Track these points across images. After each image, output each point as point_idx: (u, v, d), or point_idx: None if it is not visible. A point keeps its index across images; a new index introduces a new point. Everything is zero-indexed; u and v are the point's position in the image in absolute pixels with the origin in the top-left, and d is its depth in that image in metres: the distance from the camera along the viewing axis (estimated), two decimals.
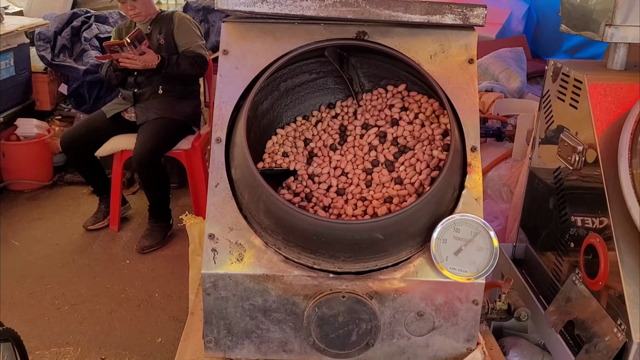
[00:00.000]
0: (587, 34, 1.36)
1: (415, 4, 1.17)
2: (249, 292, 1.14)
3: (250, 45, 1.23)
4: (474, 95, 1.22)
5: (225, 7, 1.17)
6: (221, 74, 1.22)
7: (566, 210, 1.39)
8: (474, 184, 1.17)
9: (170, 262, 3.04)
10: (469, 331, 1.18)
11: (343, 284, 1.13)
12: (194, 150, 3.27)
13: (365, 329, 1.14)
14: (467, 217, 1.12)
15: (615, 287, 1.17)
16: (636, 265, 1.15)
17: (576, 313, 1.28)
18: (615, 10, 1.24)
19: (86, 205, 3.68)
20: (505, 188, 2.07)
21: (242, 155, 1.11)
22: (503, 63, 2.89)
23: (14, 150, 3.73)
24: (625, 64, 1.38)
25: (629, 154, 1.16)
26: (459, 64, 1.23)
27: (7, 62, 3.67)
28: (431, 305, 1.15)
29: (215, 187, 1.16)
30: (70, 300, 2.70)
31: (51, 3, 4.50)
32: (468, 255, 1.12)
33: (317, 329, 1.14)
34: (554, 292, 1.42)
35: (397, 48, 1.22)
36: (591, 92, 1.30)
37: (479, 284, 1.14)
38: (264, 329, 1.17)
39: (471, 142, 1.19)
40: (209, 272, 1.13)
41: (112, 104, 3.33)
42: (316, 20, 1.22)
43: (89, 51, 4.06)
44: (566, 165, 1.36)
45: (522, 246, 1.71)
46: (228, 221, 1.15)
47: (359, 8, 1.16)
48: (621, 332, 1.13)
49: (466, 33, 1.24)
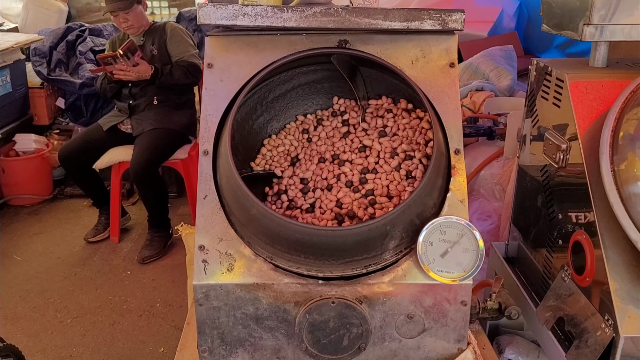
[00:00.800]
0: (567, 33, 1.37)
1: (394, 12, 1.19)
2: (241, 301, 1.16)
3: (234, 58, 1.25)
4: (456, 99, 1.24)
5: (208, 22, 1.19)
6: (206, 87, 1.25)
7: (554, 208, 1.40)
8: (459, 187, 1.19)
9: (170, 272, 3.06)
10: (459, 331, 1.19)
11: (332, 290, 1.15)
12: (190, 159, 3.30)
13: (357, 333, 1.15)
14: (452, 220, 1.14)
15: (602, 282, 1.18)
16: (621, 261, 1.16)
17: (566, 309, 1.30)
18: (592, 9, 1.25)
19: (86, 217, 3.70)
20: (498, 187, 2.08)
21: (228, 166, 1.13)
22: (493, 62, 2.90)
23: (13, 165, 3.76)
24: (607, 62, 1.40)
25: (610, 151, 1.18)
26: (440, 68, 1.25)
27: (4, 79, 3.70)
28: (420, 307, 1.17)
29: (204, 198, 1.18)
30: (72, 313, 2.72)
31: (46, 18, 4.53)
32: (454, 257, 1.14)
33: (309, 335, 1.15)
34: (545, 289, 1.43)
35: (379, 55, 1.24)
36: (572, 90, 1.31)
37: (467, 285, 1.16)
38: (256, 337, 1.19)
39: (455, 145, 1.21)
40: (200, 282, 1.15)
41: (108, 116, 3.35)
42: (298, 31, 1.24)
43: (84, 64, 4.09)
44: (551, 163, 1.38)
45: (514, 244, 1.73)
46: (217, 232, 1.17)
47: (339, 17, 1.18)
48: (609, 327, 1.14)
49: (446, 37, 1.26)
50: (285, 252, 1.14)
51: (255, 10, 1.18)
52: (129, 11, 3.13)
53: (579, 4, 1.30)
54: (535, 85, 1.53)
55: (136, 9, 3.17)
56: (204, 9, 1.19)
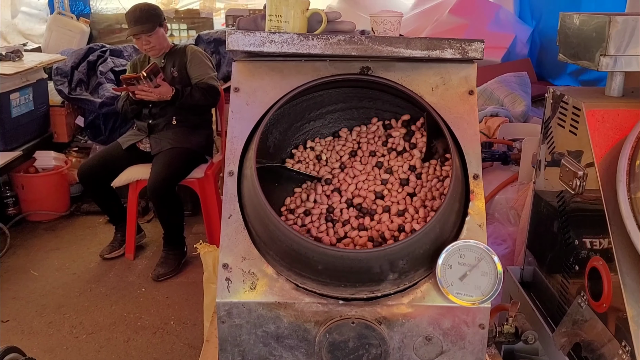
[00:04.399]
0: (583, 63, 1.41)
1: (415, 41, 1.22)
2: (262, 319, 1.19)
3: (260, 82, 1.29)
4: (475, 125, 1.27)
5: (236, 48, 1.24)
6: (232, 110, 1.29)
7: (570, 234, 1.42)
8: (477, 211, 1.21)
9: (185, 289, 3.09)
10: (477, 355, 1.21)
11: (352, 310, 1.17)
12: (207, 179, 3.35)
13: (375, 354, 1.17)
14: (471, 243, 1.16)
15: (619, 309, 1.20)
16: (638, 287, 1.18)
17: (583, 335, 1.31)
18: (609, 40, 1.29)
19: (102, 234, 3.75)
20: (513, 211, 2.10)
21: (253, 187, 1.16)
22: (507, 88, 2.94)
23: (32, 182, 3.83)
24: (623, 91, 1.43)
25: (627, 179, 1.20)
26: (459, 95, 1.28)
27: (27, 97, 3.79)
28: (439, 329, 1.19)
29: (228, 218, 1.21)
30: (87, 329, 2.75)
31: (68, 39, 4.64)
32: (473, 280, 1.16)
33: (328, 355, 1.17)
34: (561, 315, 1.45)
35: (400, 81, 1.28)
36: (589, 118, 1.34)
37: (485, 308, 1.17)
38: (277, 356, 1.21)
39: (473, 170, 1.24)
40: (224, 300, 1.18)
41: (128, 135, 3.42)
42: (322, 58, 1.28)
43: (104, 84, 4.18)
44: (568, 189, 1.40)
45: (529, 269, 1.74)
46: (241, 251, 1.19)
47: (362, 45, 1.22)
48: (626, 354, 1.16)
49: (466, 66, 1.29)
50: (307, 272, 1.16)
51: (281, 38, 1.22)
52: (152, 34, 3.21)
53: (595, 35, 1.34)
54: (552, 112, 1.56)
55: (158, 31, 3.25)
56: (233, 35, 1.23)
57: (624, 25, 1.28)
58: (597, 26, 1.33)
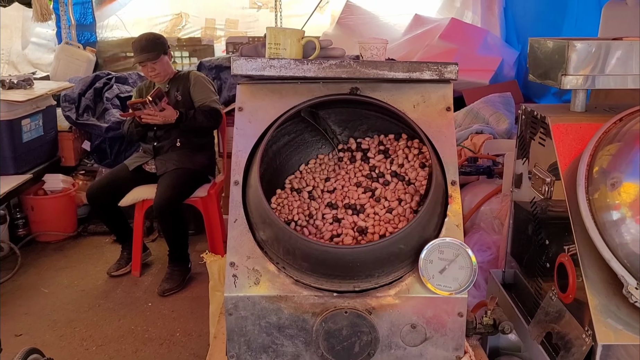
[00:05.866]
0: (549, 82, 1.58)
1: (398, 64, 1.40)
2: (265, 311, 1.33)
3: (261, 103, 1.46)
4: (452, 137, 1.44)
5: (240, 72, 1.41)
6: (237, 127, 1.45)
7: (542, 235, 1.58)
8: (455, 213, 1.37)
9: (189, 304, 3.22)
10: (457, 341, 1.35)
11: (345, 302, 1.32)
12: (210, 198, 3.50)
13: (366, 340, 1.32)
14: (449, 241, 1.31)
15: (582, 299, 1.34)
16: (598, 279, 1.33)
17: (553, 325, 1.45)
18: (568, 62, 1.46)
19: (109, 253, 3.89)
20: (497, 220, 2.26)
21: (256, 194, 1.32)
22: (492, 107, 3.12)
23: (41, 204, 3.98)
24: (586, 107, 1.59)
25: (586, 183, 1.36)
26: (438, 112, 1.45)
27: (37, 123, 3.97)
28: (422, 318, 1.33)
29: (234, 222, 1.37)
30: (97, 341, 2.87)
31: (75, 67, 4.85)
32: (451, 273, 1.31)
33: (324, 342, 1.31)
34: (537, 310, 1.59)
35: (385, 100, 1.45)
36: (554, 131, 1.50)
37: (462, 298, 1.32)
38: (278, 344, 1.35)
39: (451, 177, 1.40)
40: (231, 294, 1.33)
41: (134, 157, 3.59)
42: (316, 80, 1.45)
43: (110, 110, 4.36)
44: (538, 195, 1.56)
45: (510, 272, 1.89)
46: (246, 251, 1.35)
47: (351, 68, 1.39)
48: (588, 337, 1.30)
49: (443, 86, 1.46)
50: (305, 268, 1.32)
51: (280, 63, 1.40)
52: (157, 61, 3.40)
53: (557, 57, 1.51)
54: (524, 127, 1.73)
55: (163, 59, 3.45)
56: (237, 61, 1.41)
57: (581, 49, 1.45)
58: (559, 50, 1.50)
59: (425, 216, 1.30)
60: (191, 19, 5.44)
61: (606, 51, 1.46)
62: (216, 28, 5.48)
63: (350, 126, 1.57)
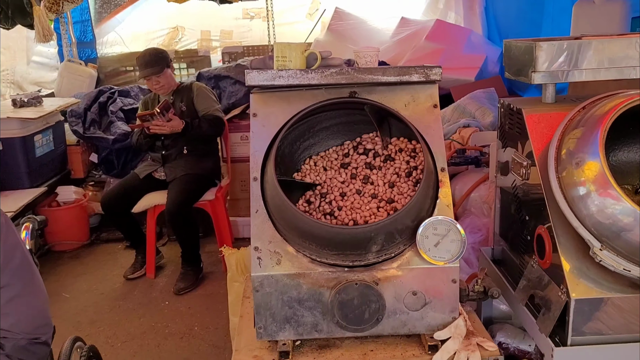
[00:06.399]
0: (522, 78, 1.80)
1: (390, 69, 1.62)
2: (286, 287, 1.55)
3: (272, 109, 1.68)
4: (440, 131, 1.66)
5: (253, 83, 1.63)
6: (253, 131, 1.67)
7: (523, 212, 1.80)
8: (445, 195, 1.59)
9: (204, 300, 3.43)
10: (452, 304, 1.57)
11: (355, 275, 1.53)
12: (217, 201, 3.72)
13: (375, 308, 1.53)
14: (441, 219, 1.53)
15: (557, 263, 1.57)
16: (569, 245, 1.55)
17: (535, 288, 1.68)
18: (536, 60, 1.69)
19: (122, 258, 4.10)
20: (485, 205, 2.48)
21: (273, 187, 1.53)
22: (478, 102, 3.35)
23: (55, 215, 4.17)
24: (555, 98, 1.82)
25: (555, 163, 1.58)
26: (426, 109, 1.67)
27: (48, 138, 4.17)
28: (422, 286, 1.55)
29: (255, 212, 1.59)
30: (121, 338, 3.07)
31: (79, 83, 5.05)
32: (445, 246, 1.53)
33: (339, 311, 1.53)
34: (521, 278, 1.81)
35: (380, 101, 1.67)
36: (528, 121, 1.73)
37: (455, 267, 1.54)
38: (299, 315, 1.57)
39: (440, 165, 1.62)
40: (257, 274, 1.54)
41: (144, 165, 3.80)
42: (319, 87, 1.67)
43: (116, 122, 4.56)
44: (517, 177, 1.79)
45: (499, 248, 2.11)
46: (267, 236, 1.56)
47: (350, 75, 1.61)
48: (563, 294, 1.52)
49: (429, 86, 1.69)
50: (319, 248, 1.53)
51: (287, 73, 1.62)
52: (160, 75, 3.61)
53: (527, 57, 1.74)
54: (504, 119, 1.95)
55: (166, 72, 3.66)
56: (251, 74, 1.62)
57: (546, 48, 1.68)
58: (528, 50, 1.73)
59: (419, 198, 1.52)
60: (187, 32, 5.66)
61: (569, 49, 1.69)
62: (211, 39, 5.70)
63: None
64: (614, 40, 1.70)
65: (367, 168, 1.69)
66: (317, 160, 1.75)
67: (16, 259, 1.46)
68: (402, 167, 1.66)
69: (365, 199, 1.63)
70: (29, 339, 1.47)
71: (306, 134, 1.76)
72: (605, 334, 1.53)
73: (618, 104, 1.51)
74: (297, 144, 1.75)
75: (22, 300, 1.47)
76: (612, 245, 1.47)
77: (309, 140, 1.76)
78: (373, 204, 1.63)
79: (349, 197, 1.65)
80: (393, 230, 1.51)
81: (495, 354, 1.55)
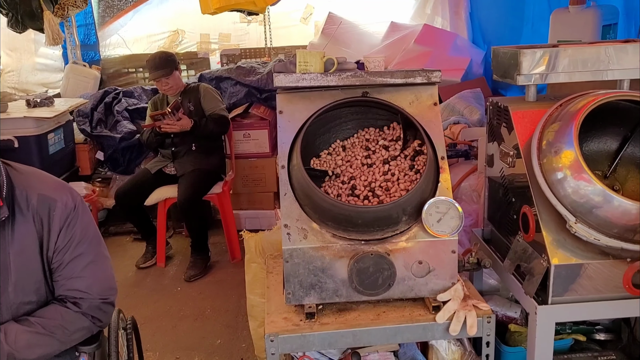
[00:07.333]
0: (508, 80, 2.10)
1: (397, 72, 1.90)
2: (312, 258, 1.81)
3: (296, 106, 1.94)
4: (439, 125, 1.94)
5: (280, 85, 1.90)
6: (280, 126, 1.93)
7: (509, 195, 2.09)
8: (445, 179, 1.87)
9: (214, 286, 3.69)
10: (451, 272, 1.85)
11: (370, 247, 1.80)
12: (224, 194, 3.98)
13: (387, 275, 1.81)
14: (442, 199, 1.82)
15: (540, 236, 1.86)
16: (550, 220, 1.84)
17: (520, 259, 1.97)
18: (520, 65, 1.98)
19: (132, 250, 4.33)
20: (475, 193, 2.77)
21: (299, 173, 1.80)
22: (465, 101, 3.66)
23: None
24: (537, 97, 2.11)
25: (538, 152, 1.87)
26: (428, 107, 1.95)
27: (59, 137, 4.38)
28: (427, 256, 1.83)
29: (284, 195, 1.85)
30: (139, 320, 3.24)
31: (83, 84, 5.26)
32: (446, 222, 1.81)
33: (356, 278, 1.80)
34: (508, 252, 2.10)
35: (388, 100, 1.94)
36: (514, 117, 2.02)
37: (454, 239, 1.82)
38: (322, 282, 1.83)
39: (441, 154, 1.90)
40: (287, 247, 1.81)
41: (154, 161, 4.04)
42: (336, 88, 1.94)
43: (122, 121, 4.79)
44: (505, 166, 2.08)
45: (488, 229, 2.40)
46: (295, 215, 1.83)
47: (363, 77, 1.89)
48: (545, 262, 1.81)
49: (430, 87, 1.96)
50: (339, 224, 1.80)
51: (309, 77, 1.88)
52: (169, 77, 3.86)
53: (513, 62, 2.03)
54: (492, 116, 2.24)
55: (174, 74, 3.90)
56: (278, 77, 1.89)
57: (529, 54, 1.97)
58: (513, 55, 2.02)
59: (423, 182, 1.80)
60: (187, 35, 5.90)
61: (551, 55, 1.98)
62: (210, 42, 5.94)
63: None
64: (586, 47, 2.00)
65: (379, 156, 1.97)
66: (333, 150, 2.02)
67: (90, 232, 1.71)
68: (409, 155, 1.94)
69: (377, 183, 1.91)
70: (101, 299, 1.72)
71: (324, 128, 2.03)
72: (579, 294, 1.82)
73: (590, 101, 1.80)
74: (317, 136, 2.01)
75: (95, 266, 1.72)
76: (585, 219, 1.76)
77: (327, 134, 2.03)
78: (384, 187, 1.90)
79: (362, 181, 1.93)
80: (402, 210, 1.79)
81: (488, 312, 1.83)
